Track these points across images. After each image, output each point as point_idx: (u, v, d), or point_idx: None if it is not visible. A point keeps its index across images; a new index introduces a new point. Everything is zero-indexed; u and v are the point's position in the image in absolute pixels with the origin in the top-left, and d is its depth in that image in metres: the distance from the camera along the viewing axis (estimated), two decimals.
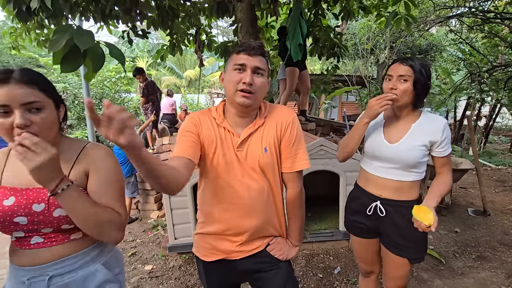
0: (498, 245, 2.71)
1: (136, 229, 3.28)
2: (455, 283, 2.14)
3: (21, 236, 0.78)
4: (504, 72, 6.61)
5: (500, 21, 5.58)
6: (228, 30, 21.12)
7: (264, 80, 0.91)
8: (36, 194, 0.76)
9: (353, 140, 1.24)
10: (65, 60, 1.03)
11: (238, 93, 0.87)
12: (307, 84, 3.94)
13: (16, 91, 0.68)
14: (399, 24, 2.94)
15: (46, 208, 0.75)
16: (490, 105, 8.55)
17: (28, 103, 0.70)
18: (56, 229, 0.79)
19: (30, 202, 0.75)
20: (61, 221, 0.77)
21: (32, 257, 0.79)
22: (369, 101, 1.16)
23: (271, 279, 1.02)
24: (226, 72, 0.92)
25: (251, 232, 0.98)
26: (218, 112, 0.97)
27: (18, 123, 0.67)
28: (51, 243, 0.79)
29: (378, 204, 1.26)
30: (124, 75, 8.62)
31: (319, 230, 2.69)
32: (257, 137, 0.96)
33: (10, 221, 0.75)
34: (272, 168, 0.97)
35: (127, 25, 3.26)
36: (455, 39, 7.20)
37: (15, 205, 0.75)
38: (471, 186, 4.66)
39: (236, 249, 1.00)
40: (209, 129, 0.95)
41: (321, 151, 2.43)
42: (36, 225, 0.76)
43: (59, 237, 0.80)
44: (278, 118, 0.98)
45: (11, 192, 0.76)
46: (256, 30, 3.01)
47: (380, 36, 9.77)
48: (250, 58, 0.87)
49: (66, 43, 0.97)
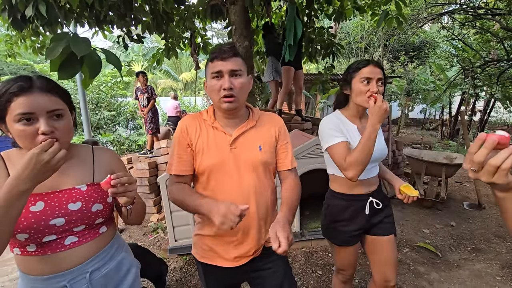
0: (492, 237, 2.77)
1: (136, 233, 3.29)
2: (451, 276, 2.18)
3: (52, 240, 0.78)
4: (496, 67, 6.71)
5: (491, 17, 5.66)
6: (223, 32, 21.14)
7: (243, 80, 0.93)
8: (68, 195, 0.80)
9: (371, 150, 1.12)
10: (62, 67, 1.06)
11: (221, 100, 0.91)
12: (300, 84, 3.97)
13: (41, 99, 0.72)
14: (390, 24, 2.99)
15: (84, 205, 0.81)
16: (484, 100, 8.65)
17: (52, 111, 0.74)
18: (88, 225, 0.83)
19: (64, 203, 0.78)
20: (98, 215, 0.84)
21: (69, 259, 0.80)
22: (377, 107, 1.09)
23: (269, 277, 1.03)
24: (207, 81, 0.96)
25: (246, 230, 0.98)
26: (209, 114, 1.01)
27: (44, 130, 0.71)
28: (86, 240, 0.83)
29: (373, 200, 1.30)
30: (120, 79, 8.61)
31: (317, 228, 2.72)
32: (250, 136, 0.99)
33: (46, 224, 0.75)
34: (266, 166, 1.00)
35: (122, 30, 3.29)
36: (447, 35, 7.28)
37: (47, 209, 0.76)
38: (466, 180, 4.73)
39: (233, 254, 1.00)
40: (200, 132, 0.98)
41: (317, 150, 2.47)
42: (73, 224, 0.80)
43: (91, 233, 0.85)
44: (271, 122, 1.06)
45: (36, 197, 0.76)
46: (250, 32, 3.05)
47: (373, 34, 9.85)
48: (224, 63, 0.90)
49: (63, 50, 1.00)
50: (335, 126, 1.22)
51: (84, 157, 0.89)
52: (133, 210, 0.85)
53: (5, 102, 0.70)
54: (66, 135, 0.77)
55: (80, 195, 0.81)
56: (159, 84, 15.14)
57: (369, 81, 1.17)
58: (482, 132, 8.52)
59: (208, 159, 0.96)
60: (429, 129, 11.92)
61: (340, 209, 1.31)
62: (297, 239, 2.62)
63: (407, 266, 2.32)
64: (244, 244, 1.00)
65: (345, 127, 1.24)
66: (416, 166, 3.71)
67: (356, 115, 1.29)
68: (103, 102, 8.48)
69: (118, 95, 9.00)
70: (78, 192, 0.81)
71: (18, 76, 0.74)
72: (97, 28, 3.13)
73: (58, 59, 1.03)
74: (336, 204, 1.32)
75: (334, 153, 1.19)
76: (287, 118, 4.01)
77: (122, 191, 0.75)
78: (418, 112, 12.87)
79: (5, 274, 2.48)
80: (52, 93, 0.75)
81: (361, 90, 1.18)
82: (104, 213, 0.86)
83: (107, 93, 8.59)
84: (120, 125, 8.97)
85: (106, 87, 8.49)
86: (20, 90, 0.70)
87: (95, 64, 1.10)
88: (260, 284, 1.06)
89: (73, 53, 1.04)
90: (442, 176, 3.46)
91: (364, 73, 1.17)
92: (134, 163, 3.79)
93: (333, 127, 1.22)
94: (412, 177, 3.81)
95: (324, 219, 1.37)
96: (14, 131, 0.71)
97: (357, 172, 1.12)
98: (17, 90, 0.70)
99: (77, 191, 0.81)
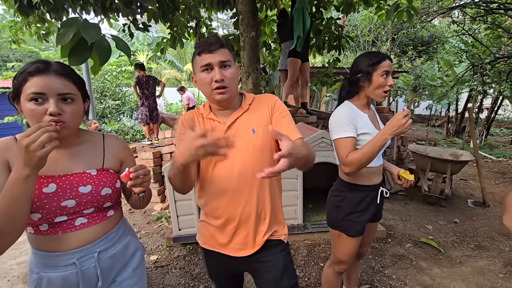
0: (496, 235, 2.76)
1: (140, 221, 3.33)
2: (453, 272, 2.19)
3: (63, 220, 0.82)
4: (506, 64, 6.56)
5: (503, 12, 5.51)
6: (228, 22, 20.90)
7: (233, 70, 0.94)
8: (78, 178, 0.83)
9: (374, 156, 1.16)
10: (72, 53, 1.05)
11: (214, 92, 0.92)
12: (306, 77, 3.92)
13: (54, 81, 0.75)
14: (401, 17, 2.93)
15: (94, 189, 0.84)
16: (492, 97, 8.50)
17: (63, 94, 0.77)
18: (97, 208, 0.87)
19: (75, 186, 0.82)
20: (107, 199, 0.87)
21: (79, 239, 0.84)
22: (396, 119, 1.08)
23: (268, 271, 1.03)
24: (196, 75, 0.96)
25: (244, 219, 0.97)
26: (205, 107, 1.04)
27: (52, 111, 0.74)
28: (95, 222, 0.87)
29: (383, 189, 1.37)
30: (125, 69, 8.60)
31: (320, 220, 2.73)
32: (243, 121, 0.99)
33: (57, 206, 0.79)
34: (263, 149, 0.96)
35: (128, 18, 3.25)
36: (457, 30, 7.13)
37: (59, 191, 0.80)
38: (471, 178, 4.69)
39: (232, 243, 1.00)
40: (198, 125, 1.01)
41: (322, 144, 2.46)
42: (83, 206, 0.83)
43: (99, 215, 0.88)
44: (264, 102, 1.03)
45: (49, 179, 0.80)
46: (256, 23, 3.00)
47: (381, 28, 9.68)
48: (212, 55, 0.89)
49: (73, 36, 0.99)
50: (348, 119, 1.22)
51: (95, 143, 0.92)
52: (145, 196, 0.92)
53: (22, 81, 0.74)
54: (73, 119, 0.80)
55: (90, 179, 0.85)
56: (164, 75, 15.07)
57: (387, 75, 1.19)
58: (488, 129, 8.43)
59: None
60: (435, 126, 11.79)
61: (358, 200, 1.33)
62: (300, 232, 2.63)
63: (409, 261, 2.33)
64: (242, 233, 0.98)
65: (357, 117, 1.26)
66: (421, 162, 3.68)
67: (365, 105, 1.34)
68: (108, 91, 8.48)
69: (123, 84, 8.99)
70: (89, 176, 0.85)
71: (38, 59, 0.78)
72: (102, 16, 3.10)
73: (69, 45, 1.02)
74: (353, 195, 1.34)
75: (340, 146, 1.23)
76: (292, 111, 3.98)
77: (139, 182, 0.79)
78: (424, 108, 12.72)
79: (13, 258, 2.53)
80: (66, 77, 0.78)
81: (380, 84, 1.20)
82: (113, 197, 0.89)
83: (112, 82, 8.59)
84: (124, 114, 8.99)
85: (111, 76, 8.49)
86: (36, 70, 0.74)
87: (105, 50, 1.09)
88: (258, 276, 1.06)
89: (82, 39, 1.03)
90: (447, 172, 3.44)
91: (385, 67, 1.19)
92: (139, 152, 3.81)
93: (346, 121, 1.22)
94: (417, 173, 3.79)
95: (338, 211, 1.36)
96: (26, 110, 0.75)
97: (354, 170, 1.19)
98: (33, 70, 0.74)
99: (87, 175, 0.85)
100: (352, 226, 1.34)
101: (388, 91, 1.23)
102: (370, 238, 1.55)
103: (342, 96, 1.37)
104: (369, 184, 1.33)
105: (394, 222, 3.06)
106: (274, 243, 1.04)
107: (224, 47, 0.92)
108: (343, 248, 1.40)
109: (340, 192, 1.38)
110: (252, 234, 0.99)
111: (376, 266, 2.26)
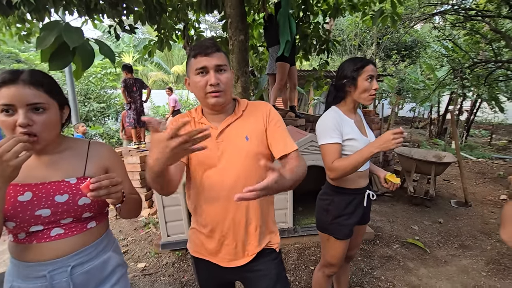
0: (478, 234, 2.86)
1: (127, 228, 3.24)
2: (439, 271, 2.25)
3: (39, 230, 0.79)
4: (484, 68, 6.86)
5: (481, 18, 5.77)
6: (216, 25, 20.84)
7: (228, 75, 0.92)
8: (56, 187, 0.80)
9: (359, 166, 1.19)
10: (53, 57, 1.00)
11: (208, 95, 0.89)
12: (295, 80, 3.96)
13: (22, 91, 0.73)
14: (385, 22, 3.01)
15: (71, 198, 0.81)
16: (471, 100, 8.86)
17: (32, 104, 0.74)
18: (76, 218, 0.83)
19: (51, 194, 0.79)
20: (85, 209, 0.83)
21: (53, 250, 0.80)
22: (386, 135, 1.10)
23: (260, 280, 1.01)
24: (190, 78, 0.93)
25: (234, 227, 0.96)
26: (197, 112, 1.01)
27: (20, 122, 0.71)
28: (72, 233, 0.83)
29: (369, 192, 1.39)
30: (110, 71, 8.40)
31: (310, 224, 2.74)
32: (236, 127, 0.96)
33: (31, 214, 0.77)
34: (255, 156, 0.94)
35: (114, 19, 3.18)
36: (438, 35, 7.39)
37: (34, 199, 0.77)
38: (453, 179, 4.85)
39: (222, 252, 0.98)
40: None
41: (312, 147, 2.47)
42: (59, 216, 0.80)
43: (78, 226, 0.84)
44: (258, 110, 1.01)
45: (25, 188, 0.78)
46: (245, 26, 3.00)
47: (367, 32, 9.90)
48: (209, 58, 0.88)
49: (54, 40, 0.95)
50: (334, 125, 1.24)
51: (78, 151, 0.89)
52: (124, 207, 0.85)
53: None
54: (45, 130, 0.77)
55: (68, 188, 0.82)
56: (150, 77, 14.82)
57: (372, 79, 1.21)
58: (468, 130, 8.76)
59: (194, 154, 0.95)
60: (418, 128, 12.16)
61: (345, 204, 1.34)
62: (290, 235, 2.63)
63: (397, 262, 2.37)
64: (231, 243, 0.97)
65: (343, 122, 1.27)
66: (407, 164, 3.77)
67: (352, 110, 1.36)
68: (92, 93, 8.26)
69: (108, 86, 8.79)
70: (67, 184, 0.82)
71: (7, 70, 0.76)
72: (87, 16, 3.02)
73: (50, 49, 0.98)
74: (340, 199, 1.35)
75: (326, 152, 1.25)
76: (281, 114, 3.95)
77: (104, 193, 0.72)
78: (407, 110, 13.10)
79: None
80: (36, 86, 0.75)
81: (366, 88, 1.23)
82: (92, 208, 0.85)
83: (97, 85, 8.37)
84: (109, 117, 8.76)
85: (96, 78, 8.28)
86: (3, 82, 0.72)
87: (88, 55, 1.05)
88: (250, 285, 1.04)
89: (65, 43, 0.99)
90: (431, 174, 3.54)
91: (369, 71, 1.22)
92: (125, 157, 3.72)
93: (332, 126, 1.24)
94: (402, 175, 3.88)
95: (327, 215, 1.37)
96: None
97: (339, 177, 1.24)
98: (1, 81, 0.72)
99: (65, 184, 0.82)
100: (340, 229, 1.36)
101: (375, 95, 1.26)
102: (359, 241, 1.57)
103: (329, 101, 1.39)
104: (355, 188, 1.35)
105: (381, 223, 3.12)
106: (267, 252, 1.02)
107: (221, 51, 0.91)
108: (332, 251, 1.42)
109: (328, 196, 1.40)
110: (241, 244, 0.97)
111: (365, 268, 2.29)
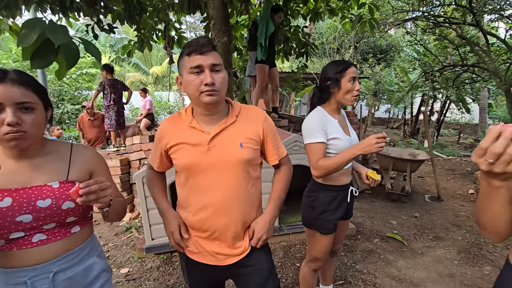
0: (450, 226, 3.06)
1: (107, 233, 3.13)
2: (416, 262, 2.38)
3: (20, 237, 0.76)
4: (452, 72, 7.34)
5: (448, 25, 6.17)
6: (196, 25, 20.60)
7: (223, 75, 0.90)
8: (38, 192, 0.78)
9: (341, 167, 1.25)
10: (35, 56, 0.96)
11: (202, 94, 0.87)
12: (276, 82, 4.02)
13: (11, 90, 0.72)
14: (363, 27, 3.14)
15: (54, 203, 0.78)
16: (441, 101, 9.43)
17: (21, 103, 0.73)
18: (59, 223, 0.81)
19: (33, 199, 0.76)
20: (69, 213, 0.81)
21: (34, 256, 0.78)
22: (369, 139, 1.17)
23: (253, 275, 1.02)
24: (183, 76, 0.90)
25: (224, 229, 0.97)
26: (188, 113, 0.97)
27: (9, 121, 0.70)
28: (55, 239, 0.81)
29: (352, 188, 1.47)
30: (86, 71, 8.06)
31: (295, 222, 2.80)
32: (229, 133, 0.95)
33: (12, 221, 0.74)
34: (248, 163, 0.96)
35: (91, 18, 3.07)
36: (411, 40, 7.81)
37: (15, 205, 0.75)
38: (427, 175, 5.14)
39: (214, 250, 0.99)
40: (178, 133, 0.96)
41: (296, 147, 2.53)
42: (41, 221, 0.77)
43: (61, 231, 0.82)
44: (254, 117, 1.00)
45: (5, 193, 0.75)
46: (228, 28, 3.01)
47: (345, 36, 10.24)
48: (204, 57, 0.85)
49: (37, 38, 0.92)
50: (319, 125, 1.29)
51: (61, 154, 0.87)
52: (111, 211, 0.83)
53: None
54: (34, 129, 0.76)
55: (51, 192, 0.79)
56: (128, 78, 14.37)
57: (354, 80, 1.28)
58: (439, 130, 9.30)
59: (184, 159, 0.94)
60: (393, 128, 12.73)
61: (329, 200, 1.40)
62: (275, 234, 2.67)
63: (377, 255, 2.48)
64: (223, 242, 0.99)
65: (328, 122, 1.33)
66: (384, 162, 3.95)
67: (335, 111, 1.41)
68: (66, 95, 7.88)
69: (83, 87, 8.41)
70: (50, 189, 0.80)
71: None
72: (61, 14, 2.89)
73: (32, 47, 0.94)
74: (325, 195, 1.40)
75: (310, 151, 1.31)
76: None
77: (93, 199, 0.72)
78: (383, 111, 13.68)
79: None
80: (25, 86, 0.75)
81: (349, 89, 1.29)
82: (76, 212, 0.83)
83: (71, 86, 7.99)
84: None
85: (70, 79, 7.91)
86: None
87: (73, 53, 1.02)
88: (243, 281, 1.04)
89: (47, 41, 0.96)
90: (407, 171, 3.73)
91: (351, 73, 1.28)
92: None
93: (317, 126, 1.29)
94: (380, 172, 4.06)
95: (312, 211, 1.42)
96: None
97: (322, 175, 1.31)
98: None
99: (48, 188, 0.79)
100: (325, 224, 1.41)
101: (357, 95, 1.33)
102: (342, 236, 1.65)
103: (314, 102, 1.45)
104: (339, 184, 1.41)
105: (362, 219, 3.24)
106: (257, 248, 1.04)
107: (215, 50, 0.90)
108: (317, 246, 1.47)
109: (313, 193, 1.45)
110: (233, 242, 0.99)
111: (349, 262, 2.38)
